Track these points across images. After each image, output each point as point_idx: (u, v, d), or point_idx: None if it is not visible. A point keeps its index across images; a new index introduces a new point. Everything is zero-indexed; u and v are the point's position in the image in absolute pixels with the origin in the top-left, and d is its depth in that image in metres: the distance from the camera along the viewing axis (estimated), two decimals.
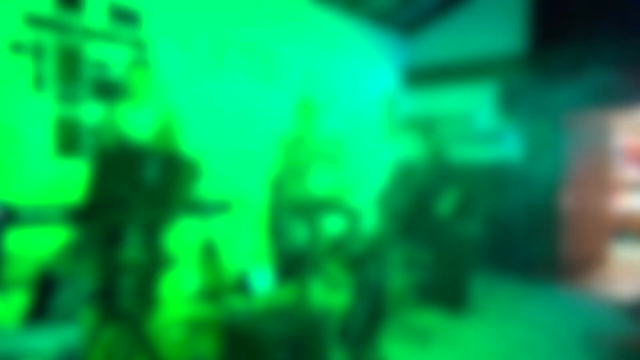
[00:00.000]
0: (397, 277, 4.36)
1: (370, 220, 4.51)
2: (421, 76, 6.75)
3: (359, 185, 4.60)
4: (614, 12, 5.24)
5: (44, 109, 3.27)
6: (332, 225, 3.84)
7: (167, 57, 3.99)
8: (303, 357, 2.67)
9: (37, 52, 3.22)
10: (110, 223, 2.41)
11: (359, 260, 3.47)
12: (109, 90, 3.59)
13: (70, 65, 3.39)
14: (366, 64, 6.18)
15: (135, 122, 2.99)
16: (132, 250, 2.53)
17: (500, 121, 6.05)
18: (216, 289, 3.45)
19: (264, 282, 3.69)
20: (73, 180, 3.25)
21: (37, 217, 2.42)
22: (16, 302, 2.51)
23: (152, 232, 2.81)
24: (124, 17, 3.69)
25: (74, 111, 3.38)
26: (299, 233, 3.94)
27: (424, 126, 3.98)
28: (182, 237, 3.58)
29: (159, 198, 2.35)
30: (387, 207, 4.80)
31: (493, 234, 5.86)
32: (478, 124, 6.24)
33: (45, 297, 2.29)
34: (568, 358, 3.42)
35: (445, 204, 4.65)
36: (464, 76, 6.36)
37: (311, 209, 3.77)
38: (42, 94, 3.27)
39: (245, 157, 4.62)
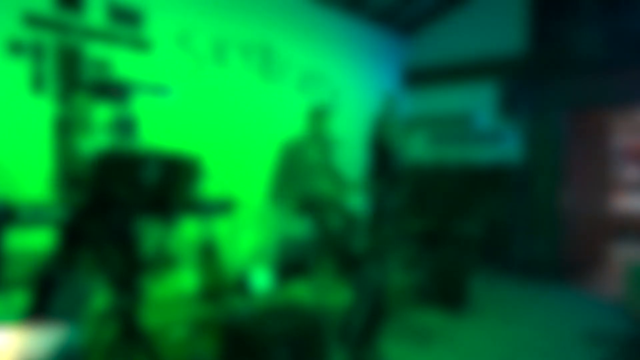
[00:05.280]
0: (397, 277, 4.37)
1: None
2: (421, 76, 6.76)
3: (357, 185, 4.60)
4: (615, 12, 5.24)
5: (43, 110, 3.27)
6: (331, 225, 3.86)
7: (167, 57, 3.99)
8: (303, 357, 2.67)
9: (36, 52, 3.22)
10: (111, 224, 2.41)
11: (359, 260, 3.47)
12: (109, 90, 3.58)
13: (70, 65, 3.39)
14: (366, 63, 6.17)
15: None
16: (133, 250, 2.53)
17: (500, 121, 6.05)
18: (216, 289, 3.45)
19: (263, 282, 3.70)
20: None
21: (37, 217, 2.41)
22: (16, 301, 2.51)
23: (152, 233, 2.81)
24: (124, 16, 3.69)
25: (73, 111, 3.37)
26: (302, 231, 3.96)
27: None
28: (182, 237, 3.58)
29: (159, 199, 2.34)
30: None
31: (493, 234, 5.88)
32: (478, 124, 6.24)
33: (45, 297, 2.29)
34: (568, 358, 3.42)
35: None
36: (464, 76, 6.37)
37: (317, 208, 3.80)
38: (41, 94, 3.27)
39: (246, 156, 4.62)
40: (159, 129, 3.88)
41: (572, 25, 5.51)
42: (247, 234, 4.29)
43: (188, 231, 3.45)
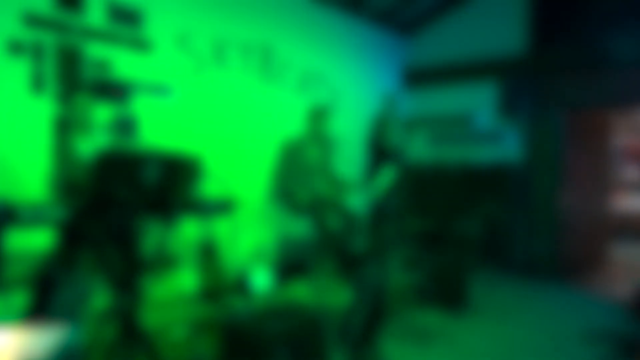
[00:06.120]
0: (397, 277, 4.37)
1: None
2: (421, 76, 6.76)
3: (354, 186, 4.61)
4: (614, 12, 5.24)
5: (43, 110, 3.27)
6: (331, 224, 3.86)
7: (167, 57, 3.99)
8: (303, 357, 2.67)
9: (36, 52, 3.22)
10: (111, 224, 2.41)
11: (359, 260, 3.47)
12: (109, 90, 3.58)
13: (70, 65, 3.39)
14: (366, 64, 6.17)
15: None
16: (133, 250, 2.53)
17: (500, 121, 6.05)
18: (216, 289, 3.45)
19: (263, 282, 3.70)
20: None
21: (37, 217, 2.41)
22: (16, 301, 2.51)
23: (152, 233, 2.81)
24: (124, 16, 3.69)
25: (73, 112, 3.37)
26: (302, 231, 3.96)
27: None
28: (182, 237, 3.58)
29: (160, 199, 2.34)
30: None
31: (493, 234, 5.88)
32: (478, 124, 6.24)
33: (45, 296, 2.29)
34: (568, 357, 3.42)
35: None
36: (464, 76, 6.37)
37: (318, 208, 3.80)
38: (41, 95, 3.27)
39: (246, 156, 4.62)
40: (159, 129, 3.88)
41: (573, 25, 5.51)
42: (247, 234, 4.28)
43: (188, 231, 3.45)
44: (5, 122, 3.11)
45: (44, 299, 2.28)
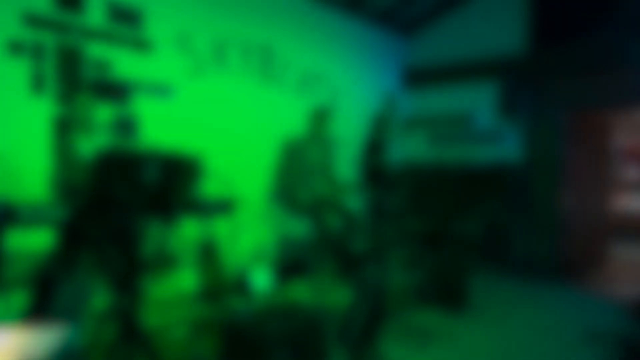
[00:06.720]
0: (397, 277, 4.37)
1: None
2: (421, 76, 6.76)
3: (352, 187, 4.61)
4: (614, 12, 5.24)
5: (43, 110, 3.27)
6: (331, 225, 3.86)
7: (167, 57, 3.99)
8: (303, 357, 2.67)
9: (36, 52, 3.22)
10: (111, 224, 2.41)
11: (359, 260, 3.47)
12: (109, 90, 3.59)
13: (70, 65, 3.39)
14: (366, 63, 6.17)
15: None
16: (133, 250, 2.53)
17: (500, 121, 6.05)
18: (216, 289, 3.45)
19: (263, 282, 3.70)
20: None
21: (37, 217, 2.41)
22: (16, 301, 2.51)
23: (152, 233, 2.81)
24: (124, 16, 3.69)
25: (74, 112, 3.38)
26: (302, 231, 3.96)
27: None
28: (182, 237, 3.58)
29: (160, 199, 2.34)
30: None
31: (493, 234, 5.88)
32: (478, 124, 6.24)
33: (45, 297, 2.29)
34: (567, 357, 3.42)
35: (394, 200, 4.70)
36: (463, 76, 6.37)
37: (318, 208, 3.81)
38: (42, 95, 3.27)
39: (245, 156, 4.62)
40: (159, 129, 3.88)
41: (572, 26, 5.51)
42: (247, 234, 4.29)
43: (188, 231, 3.45)
44: (5, 122, 3.11)
45: (44, 299, 2.28)
